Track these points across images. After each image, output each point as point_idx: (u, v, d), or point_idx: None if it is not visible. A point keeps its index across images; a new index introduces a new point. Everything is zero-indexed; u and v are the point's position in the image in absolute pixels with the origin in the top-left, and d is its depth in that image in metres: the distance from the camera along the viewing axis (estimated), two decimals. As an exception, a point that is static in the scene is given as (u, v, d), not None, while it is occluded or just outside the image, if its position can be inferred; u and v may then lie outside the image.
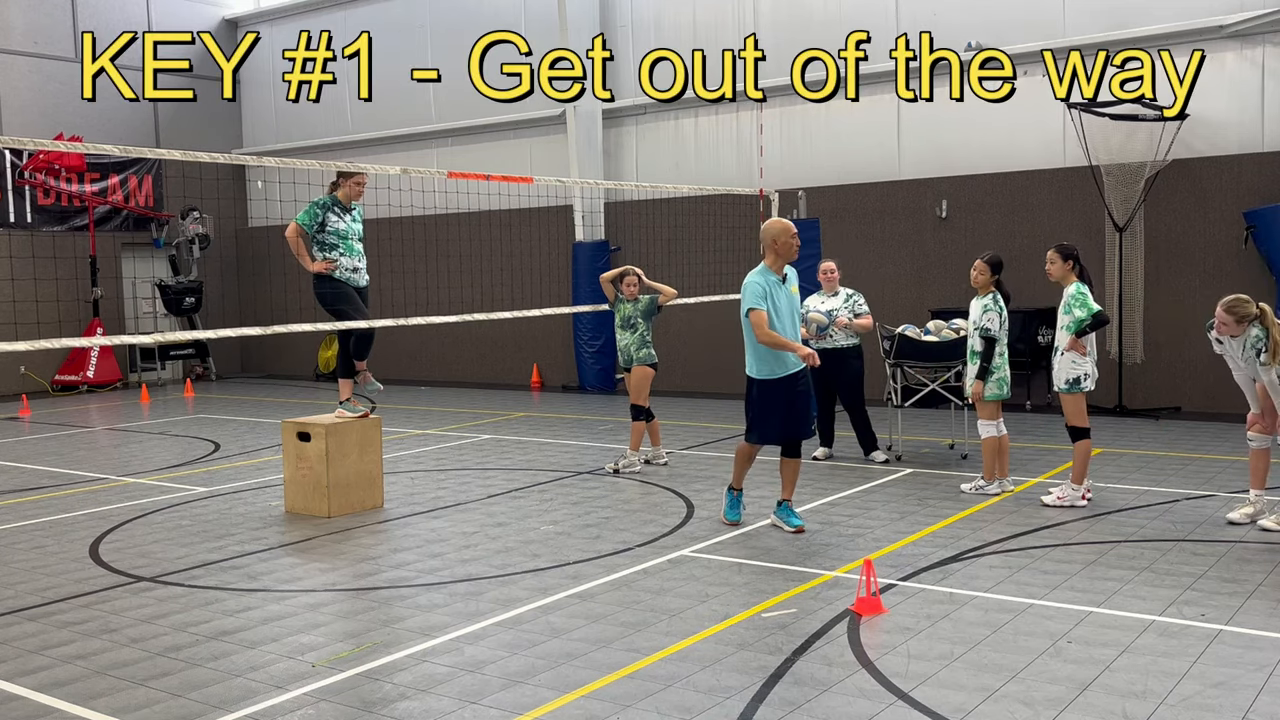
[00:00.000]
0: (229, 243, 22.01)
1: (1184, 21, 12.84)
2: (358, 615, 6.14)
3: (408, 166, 9.62)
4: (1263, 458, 7.67)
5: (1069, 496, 8.26)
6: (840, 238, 14.68)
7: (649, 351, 10.34)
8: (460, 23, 18.83)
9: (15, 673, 5.33)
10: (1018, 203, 13.95)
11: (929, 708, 4.63)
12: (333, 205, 8.63)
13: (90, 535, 8.20)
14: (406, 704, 4.83)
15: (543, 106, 17.95)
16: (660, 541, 7.57)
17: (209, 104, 20.93)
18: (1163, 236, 13.13)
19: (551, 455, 11.30)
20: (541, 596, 6.34)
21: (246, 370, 22.36)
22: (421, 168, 11.39)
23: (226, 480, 10.36)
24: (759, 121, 15.96)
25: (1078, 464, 8.28)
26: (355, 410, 8.90)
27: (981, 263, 8.87)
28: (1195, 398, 12.87)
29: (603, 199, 17.46)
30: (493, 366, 19.06)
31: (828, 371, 10.43)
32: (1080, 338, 8.13)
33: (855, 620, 5.76)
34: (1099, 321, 8.12)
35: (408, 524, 8.36)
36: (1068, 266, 8.30)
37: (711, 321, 16.34)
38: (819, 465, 10.32)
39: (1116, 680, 4.88)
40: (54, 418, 15.58)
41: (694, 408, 14.76)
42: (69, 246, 19.00)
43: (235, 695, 4.97)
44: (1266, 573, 6.43)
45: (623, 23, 17.19)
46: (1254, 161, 12.61)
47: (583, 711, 4.69)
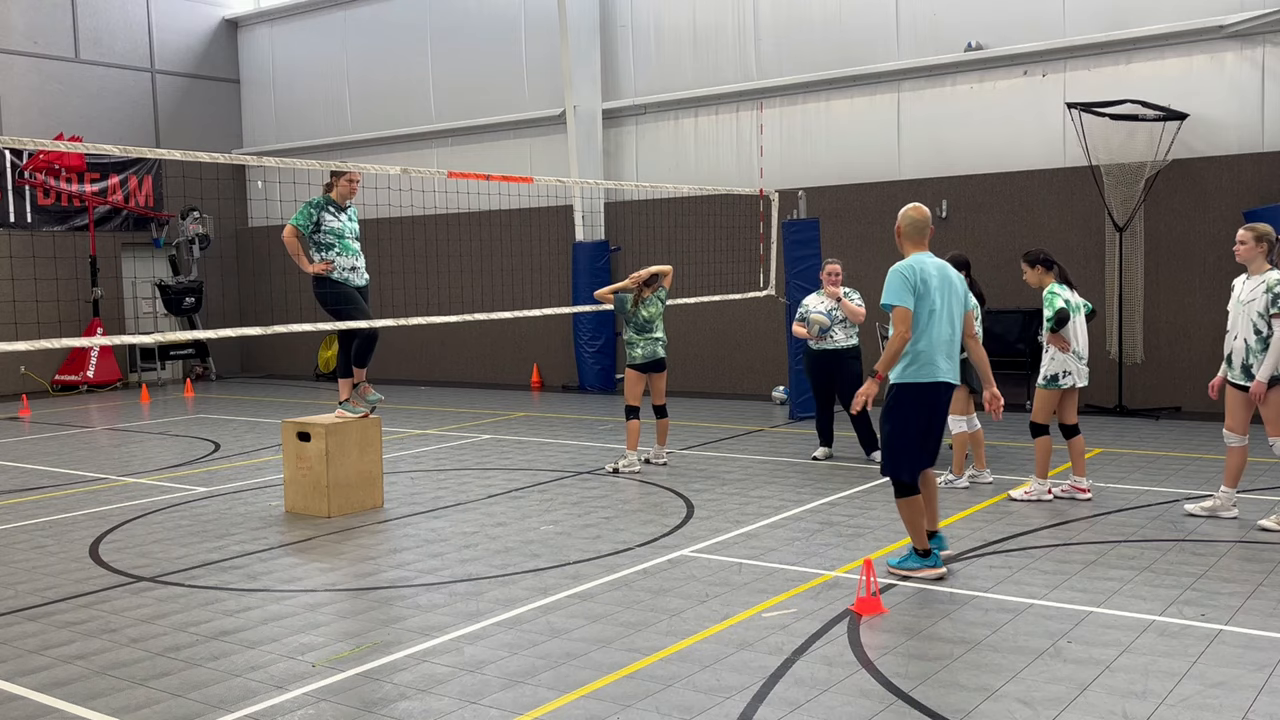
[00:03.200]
0: (229, 243, 22.02)
1: (1184, 21, 12.84)
2: (358, 615, 6.14)
3: (408, 166, 9.62)
4: (1236, 456, 7.68)
5: (1035, 491, 8.44)
6: (840, 238, 14.68)
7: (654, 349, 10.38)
8: (460, 22, 18.84)
9: (15, 673, 5.33)
10: (1018, 203, 13.95)
11: (929, 708, 4.63)
12: (326, 205, 8.62)
13: (90, 535, 8.20)
14: (406, 704, 4.83)
15: (543, 106, 17.98)
16: (660, 541, 7.56)
17: (209, 104, 20.96)
18: (1163, 236, 13.13)
19: (551, 455, 11.30)
20: (541, 596, 6.34)
21: (246, 370, 22.35)
22: (421, 168, 11.39)
23: (226, 480, 10.36)
24: (759, 121, 15.96)
25: (1040, 460, 8.46)
26: (355, 410, 8.90)
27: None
28: (1195, 398, 12.86)
29: (603, 199, 17.46)
30: (493, 366, 19.06)
31: (827, 372, 10.45)
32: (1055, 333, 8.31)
33: (855, 620, 5.76)
34: (1060, 320, 8.24)
35: (408, 524, 8.36)
36: (1038, 271, 8.49)
37: (712, 321, 16.36)
38: (819, 465, 10.32)
39: (1116, 680, 4.88)
40: (54, 418, 15.58)
41: (694, 408, 14.76)
42: (69, 246, 19.00)
43: (235, 695, 4.97)
44: (1266, 573, 6.43)
45: (623, 23, 17.18)
46: (1254, 161, 12.61)
47: (583, 711, 4.69)
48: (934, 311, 6.34)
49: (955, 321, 6.48)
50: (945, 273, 6.49)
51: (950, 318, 6.43)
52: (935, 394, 6.41)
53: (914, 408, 6.41)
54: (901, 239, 6.63)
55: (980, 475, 9.14)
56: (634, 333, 10.31)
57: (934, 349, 6.35)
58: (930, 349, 6.34)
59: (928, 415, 6.43)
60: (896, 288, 6.33)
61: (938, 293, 6.36)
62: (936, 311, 6.35)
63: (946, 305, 6.40)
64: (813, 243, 13.16)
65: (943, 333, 6.37)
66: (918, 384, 6.37)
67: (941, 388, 6.42)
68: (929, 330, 6.34)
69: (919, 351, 6.35)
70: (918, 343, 6.34)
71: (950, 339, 6.43)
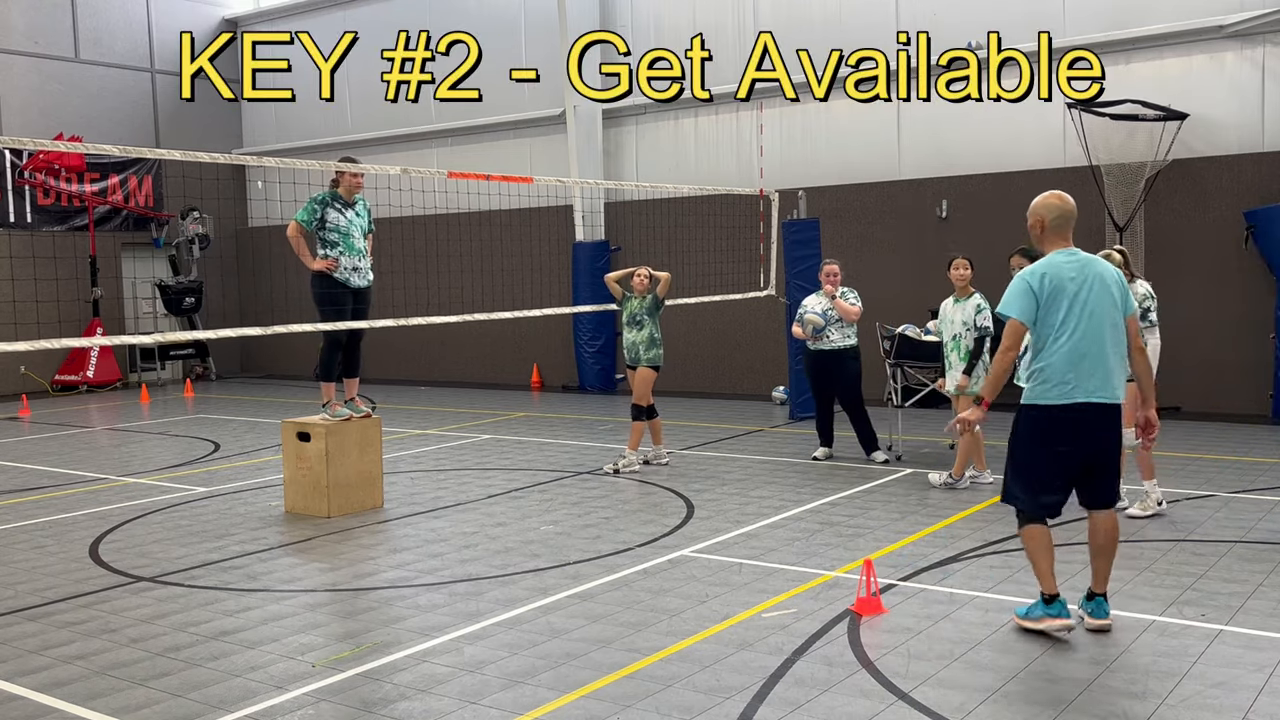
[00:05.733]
0: (229, 243, 22.02)
1: (1184, 21, 12.85)
2: (358, 615, 6.14)
3: (408, 166, 9.62)
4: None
5: None
6: (840, 238, 14.68)
7: (658, 353, 10.33)
8: (459, 22, 18.80)
9: (15, 673, 5.33)
10: (1018, 203, 13.82)
11: (929, 708, 4.63)
12: (332, 201, 8.59)
13: (90, 535, 8.20)
14: (406, 704, 4.83)
15: (543, 106, 17.98)
16: (660, 541, 7.56)
17: (209, 104, 20.93)
18: (1163, 236, 13.12)
19: (551, 455, 11.30)
20: (541, 596, 6.34)
21: (246, 370, 22.35)
22: (421, 168, 11.39)
23: (226, 480, 10.36)
24: (759, 121, 15.96)
25: None
26: (338, 414, 8.82)
27: (967, 261, 9.03)
28: (1195, 398, 12.86)
29: (603, 199, 17.46)
30: (493, 366, 19.06)
31: (825, 372, 10.45)
32: None
33: (855, 620, 5.76)
34: None
35: (408, 524, 8.36)
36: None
37: (712, 321, 16.36)
38: (819, 465, 10.32)
39: (1116, 680, 4.88)
40: (54, 418, 15.58)
41: (694, 408, 14.76)
42: (69, 246, 18.99)
43: (235, 695, 4.97)
44: (1266, 573, 6.43)
45: (623, 23, 17.18)
46: (1254, 161, 12.61)
47: (583, 711, 4.69)
48: (1065, 321, 5.32)
49: (1105, 328, 5.34)
50: (1090, 271, 5.40)
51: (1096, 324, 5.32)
52: (1068, 417, 5.34)
53: (1030, 431, 5.48)
54: (1043, 235, 5.53)
55: (980, 476, 9.14)
56: (624, 327, 10.43)
57: (1066, 363, 5.32)
58: (1062, 363, 5.32)
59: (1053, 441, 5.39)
60: (1012, 296, 5.42)
61: (1075, 298, 5.32)
62: (1072, 320, 5.32)
63: (1088, 311, 5.32)
64: (813, 243, 13.16)
65: (1082, 345, 5.31)
66: (1041, 405, 5.42)
67: (1079, 410, 5.32)
68: (1059, 342, 5.33)
69: (1043, 368, 5.39)
70: (1049, 358, 5.36)
71: (1097, 352, 5.32)
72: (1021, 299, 5.37)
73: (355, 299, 8.76)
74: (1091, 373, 5.31)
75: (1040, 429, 5.41)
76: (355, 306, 8.76)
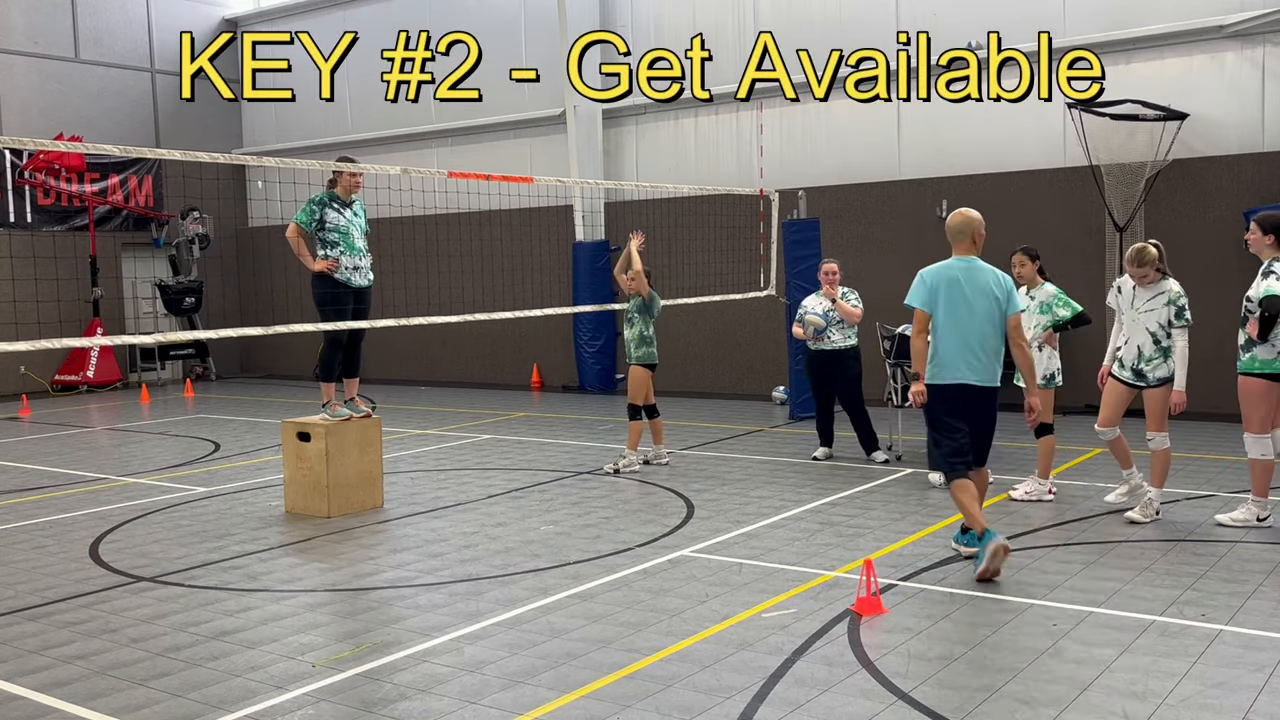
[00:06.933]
0: (229, 243, 22.02)
1: (1184, 21, 12.84)
2: (358, 615, 6.14)
3: (408, 166, 9.62)
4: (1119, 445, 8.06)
5: (1035, 491, 8.49)
6: (840, 238, 14.68)
7: (648, 350, 10.32)
8: (459, 22, 18.80)
9: (15, 673, 5.33)
10: (1018, 203, 13.94)
11: (929, 708, 4.63)
12: (330, 201, 8.60)
13: (90, 535, 8.20)
14: (406, 704, 4.83)
15: (543, 106, 17.98)
16: (660, 541, 7.56)
17: (209, 103, 20.92)
18: (1163, 236, 13.02)
19: (551, 455, 11.30)
20: (541, 596, 6.34)
21: (246, 370, 22.35)
22: (421, 168, 11.40)
23: (226, 480, 10.36)
24: (759, 121, 15.96)
25: (1042, 459, 8.49)
26: (338, 414, 8.82)
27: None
28: (1195, 398, 12.82)
29: (603, 199, 17.46)
30: (493, 366, 19.06)
31: (826, 372, 10.45)
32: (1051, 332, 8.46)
33: (855, 620, 5.76)
34: (1082, 320, 8.40)
35: (408, 524, 8.36)
36: (1033, 268, 8.62)
37: (712, 321, 16.35)
38: (819, 465, 10.32)
39: (1116, 680, 4.88)
40: (54, 418, 15.58)
41: (694, 408, 14.76)
42: (69, 246, 19.00)
43: (235, 695, 4.97)
44: (1266, 573, 6.43)
45: (623, 23, 17.18)
46: (1254, 161, 12.61)
47: (583, 711, 4.69)
48: (950, 316, 6.57)
49: (981, 324, 6.59)
50: (976, 275, 6.64)
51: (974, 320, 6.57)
52: (956, 394, 6.61)
53: (933, 406, 6.71)
54: (951, 243, 6.81)
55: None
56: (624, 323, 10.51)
57: (951, 351, 6.58)
58: (947, 351, 6.59)
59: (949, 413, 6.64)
60: (912, 290, 6.71)
61: (956, 296, 6.56)
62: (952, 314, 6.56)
63: (968, 308, 6.56)
64: (813, 243, 13.16)
65: (957, 337, 6.57)
66: (936, 385, 6.66)
67: (959, 389, 6.60)
68: (944, 333, 6.59)
69: (934, 355, 6.64)
70: (940, 345, 6.61)
71: (974, 342, 6.57)
72: (918, 291, 6.65)
73: (356, 299, 8.77)
74: (972, 360, 6.56)
75: (938, 403, 6.62)
76: (356, 306, 8.77)
